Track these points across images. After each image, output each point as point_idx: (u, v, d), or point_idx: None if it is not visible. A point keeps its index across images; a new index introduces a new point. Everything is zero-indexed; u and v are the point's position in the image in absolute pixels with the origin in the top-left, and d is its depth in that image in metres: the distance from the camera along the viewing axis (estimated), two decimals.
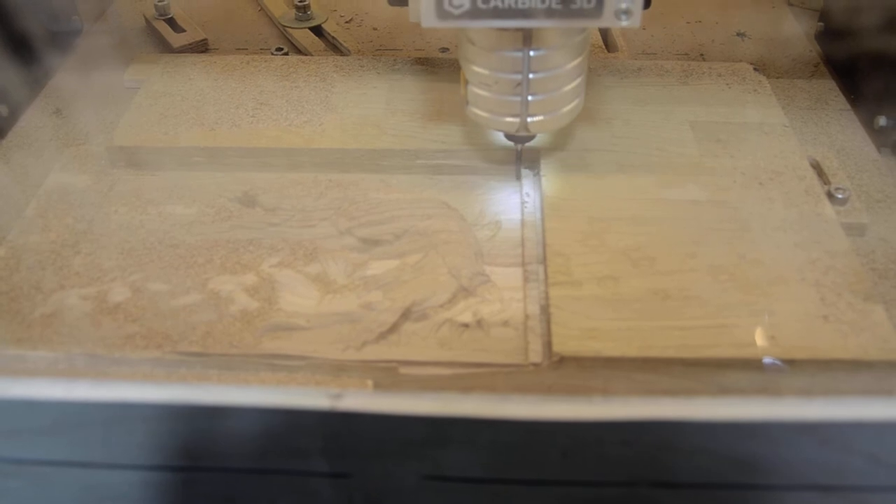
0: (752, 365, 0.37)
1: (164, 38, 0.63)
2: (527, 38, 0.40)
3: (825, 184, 0.47)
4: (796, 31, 0.65)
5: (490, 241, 0.44)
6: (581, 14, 0.37)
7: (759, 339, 0.38)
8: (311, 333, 0.39)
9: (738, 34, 0.65)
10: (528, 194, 0.47)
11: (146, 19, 0.65)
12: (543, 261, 0.42)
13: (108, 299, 0.41)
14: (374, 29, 0.65)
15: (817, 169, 0.48)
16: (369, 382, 0.37)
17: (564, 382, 0.37)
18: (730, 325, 0.38)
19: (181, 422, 0.33)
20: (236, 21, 0.67)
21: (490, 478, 0.34)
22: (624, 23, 0.37)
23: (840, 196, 0.46)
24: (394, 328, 0.39)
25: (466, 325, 0.39)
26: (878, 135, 0.52)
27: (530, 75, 0.41)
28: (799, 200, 0.45)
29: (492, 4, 0.37)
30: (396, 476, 0.34)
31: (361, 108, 0.52)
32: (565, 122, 0.45)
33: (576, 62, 0.42)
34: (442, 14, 0.37)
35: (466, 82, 0.44)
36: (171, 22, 0.64)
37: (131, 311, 0.40)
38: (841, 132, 0.53)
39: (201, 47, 0.63)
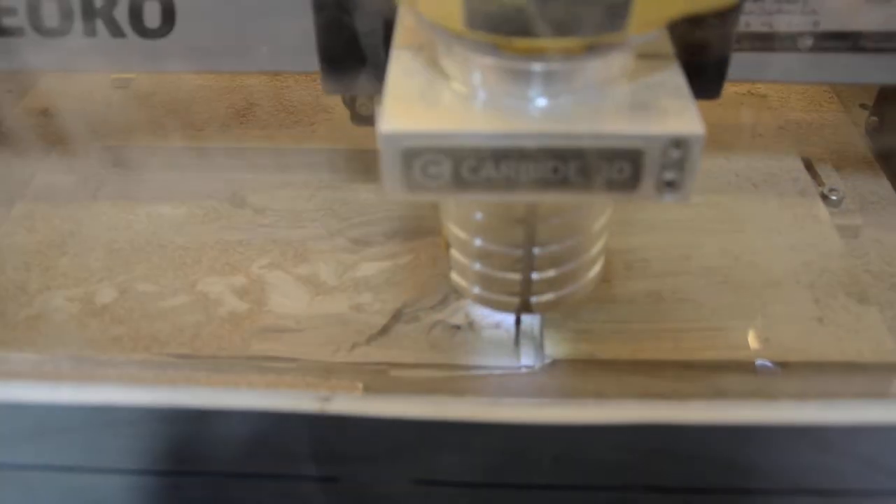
0: (746, 367, 0.36)
1: None
2: (531, 208, 0.30)
3: (819, 185, 0.47)
4: None
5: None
6: (607, 187, 0.25)
7: (754, 341, 0.37)
8: (300, 335, 0.39)
9: None
10: None
11: None
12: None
13: (94, 301, 0.40)
14: None
15: (811, 170, 0.48)
16: (359, 385, 0.37)
17: (557, 385, 0.37)
18: (724, 328, 0.38)
19: (168, 425, 0.33)
20: None
21: (481, 482, 0.34)
22: (667, 198, 0.25)
23: (834, 197, 0.45)
24: (385, 330, 0.39)
25: (458, 327, 0.39)
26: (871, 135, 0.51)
27: (535, 250, 0.31)
28: (793, 202, 0.44)
29: (483, 175, 0.25)
30: (386, 480, 0.34)
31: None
32: (583, 295, 0.34)
33: (599, 223, 0.32)
34: (412, 185, 0.25)
35: (447, 244, 0.33)
36: None
37: (118, 312, 0.40)
38: (835, 133, 0.53)
39: None
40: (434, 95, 0.26)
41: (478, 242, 0.32)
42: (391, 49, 0.27)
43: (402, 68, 0.27)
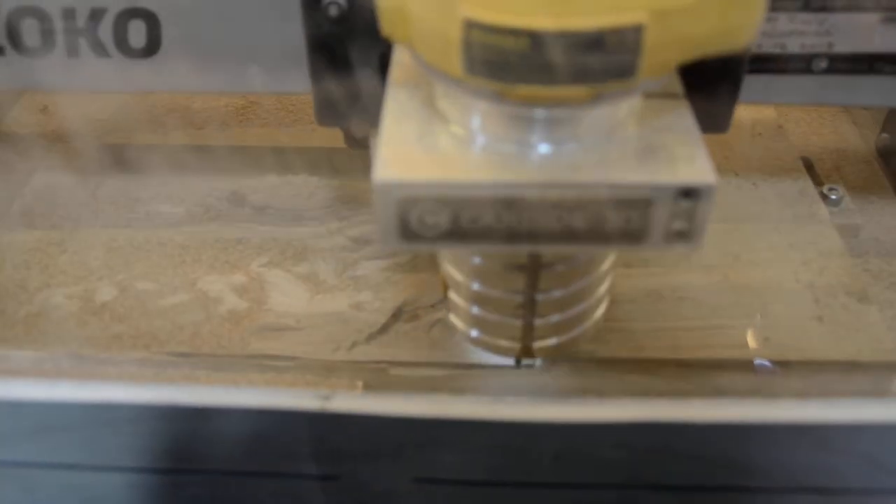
0: (746, 366, 0.37)
1: None
2: (534, 256, 0.29)
3: (818, 184, 0.47)
4: None
5: None
6: (615, 238, 0.24)
7: (753, 340, 0.37)
8: (300, 334, 0.39)
9: None
10: None
11: None
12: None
13: (94, 298, 0.40)
14: None
15: (811, 170, 0.48)
16: (359, 383, 0.37)
17: (557, 384, 0.37)
18: (724, 327, 0.38)
19: (168, 423, 0.33)
20: None
21: (482, 480, 0.34)
22: (678, 248, 0.24)
23: (834, 197, 0.45)
24: (384, 328, 0.39)
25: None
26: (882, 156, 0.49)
27: (538, 296, 0.30)
28: (793, 201, 0.45)
29: (482, 224, 0.23)
30: (387, 478, 0.34)
31: None
32: (587, 337, 0.33)
33: (605, 265, 0.31)
34: (408, 235, 0.24)
35: (445, 286, 0.32)
36: None
37: (118, 310, 0.40)
38: (834, 132, 0.53)
39: None
40: (431, 140, 0.24)
41: (477, 287, 0.30)
42: (387, 86, 0.26)
43: (397, 109, 0.25)
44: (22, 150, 0.51)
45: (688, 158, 0.23)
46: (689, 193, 0.23)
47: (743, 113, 0.51)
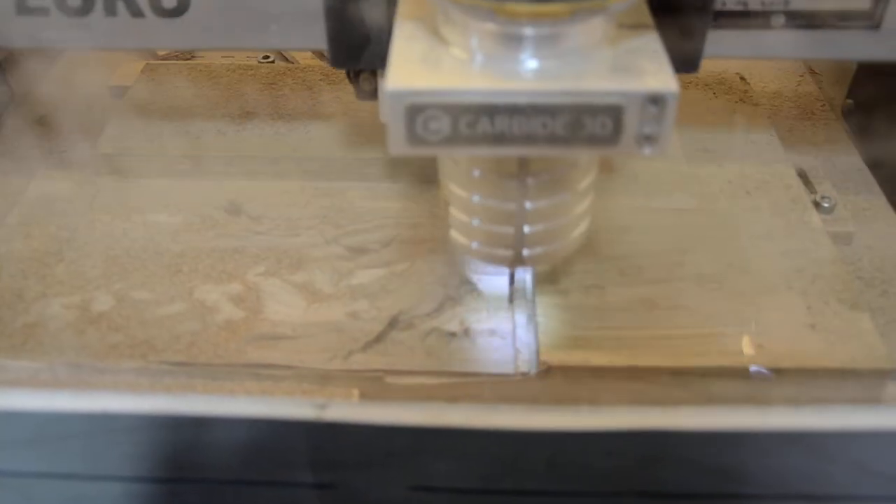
0: (739, 373, 0.37)
1: None
2: (523, 163, 0.32)
3: (811, 193, 0.47)
4: None
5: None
6: (591, 141, 0.28)
7: (747, 347, 0.38)
8: (296, 342, 0.39)
9: None
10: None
11: None
12: (530, 269, 0.42)
13: (91, 308, 0.40)
14: None
15: (803, 178, 0.48)
16: (355, 392, 0.37)
17: (552, 392, 0.37)
18: (717, 334, 0.38)
19: (165, 432, 0.33)
20: None
21: (477, 488, 0.34)
22: (646, 151, 0.28)
23: (826, 205, 0.46)
24: (380, 337, 0.39)
25: (453, 334, 0.39)
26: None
27: (527, 205, 0.33)
28: (786, 209, 0.45)
29: (479, 130, 0.27)
30: (382, 486, 0.34)
31: (349, 116, 0.51)
32: (571, 250, 0.37)
33: (584, 183, 0.35)
34: (414, 139, 0.28)
35: (447, 203, 0.36)
36: None
37: (115, 320, 0.40)
38: (827, 141, 0.53)
39: (187, 55, 0.63)
40: (435, 59, 0.28)
41: (475, 198, 0.34)
42: (395, 20, 0.30)
43: (405, 36, 0.29)
44: (19, 159, 0.51)
45: (655, 72, 0.27)
46: (655, 100, 0.26)
47: (738, 121, 0.51)
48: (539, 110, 0.27)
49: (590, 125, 0.27)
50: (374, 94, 0.39)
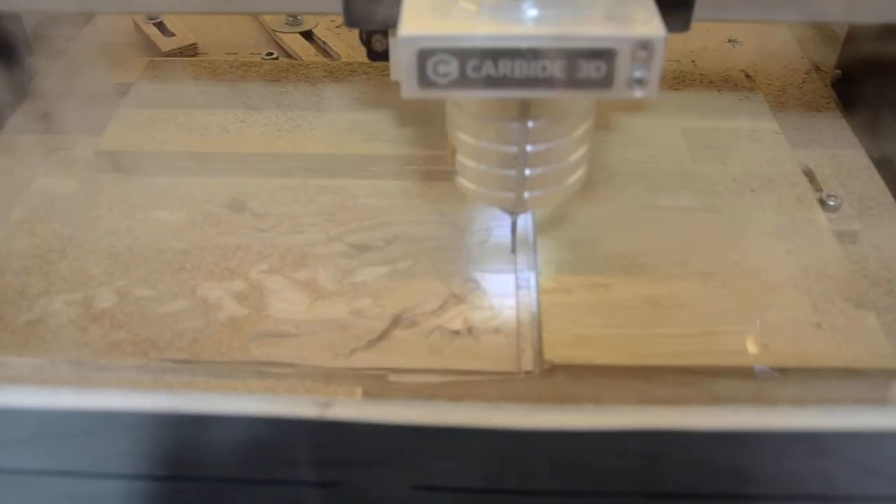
0: (744, 373, 0.37)
1: (153, 42, 0.63)
2: (524, 108, 0.35)
3: (817, 191, 0.47)
4: (787, 37, 0.65)
5: (481, 248, 0.44)
6: (587, 84, 0.31)
7: (752, 346, 0.37)
8: (299, 340, 0.39)
9: (729, 40, 0.64)
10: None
11: (135, 23, 0.65)
12: (535, 267, 0.42)
13: (94, 305, 0.40)
14: None
15: (809, 176, 0.48)
16: (359, 390, 0.37)
17: (555, 390, 0.37)
18: (722, 333, 0.38)
19: (167, 430, 0.33)
20: (226, 25, 0.67)
21: (480, 487, 0.34)
22: (637, 94, 0.31)
23: (832, 203, 0.45)
24: (384, 335, 0.39)
25: (457, 333, 0.39)
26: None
27: (528, 147, 0.36)
28: (791, 207, 0.45)
29: (484, 73, 0.30)
30: (385, 485, 0.34)
31: (352, 113, 0.51)
32: (569, 194, 0.39)
33: (581, 130, 0.37)
34: (425, 83, 0.31)
35: (454, 150, 0.38)
36: (161, 26, 0.64)
37: (118, 317, 0.40)
38: (833, 139, 0.53)
39: (190, 51, 0.62)
40: (444, 9, 0.30)
41: (481, 144, 0.36)
42: None
43: None
44: (22, 156, 0.51)
45: (645, 21, 0.30)
46: (645, 45, 0.29)
47: (744, 119, 0.51)
48: (539, 54, 0.30)
49: (585, 68, 0.30)
50: (385, 55, 0.40)
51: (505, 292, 0.41)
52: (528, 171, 0.37)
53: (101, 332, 0.39)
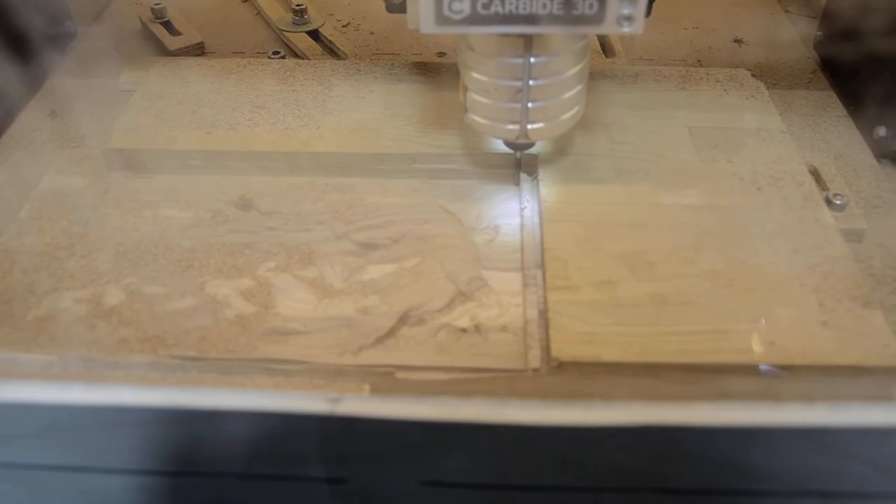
0: (751, 370, 0.37)
1: (160, 41, 0.63)
2: (527, 45, 0.40)
3: (823, 190, 0.47)
4: (793, 36, 0.65)
5: (488, 246, 0.44)
6: (582, 20, 0.37)
7: (758, 344, 0.37)
8: (307, 338, 0.39)
9: (735, 40, 0.65)
10: (526, 199, 0.46)
11: (142, 22, 0.65)
12: (542, 265, 0.42)
13: (102, 302, 0.40)
14: (372, 33, 0.65)
15: (815, 175, 0.48)
16: (366, 387, 0.37)
17: (563, 388, 0.37)
18: (729, 331, 0.38)
19: (176, 426, 0.33)
20: (233, 25, 0.67)
21: (488, 483, 0.34)
22: (626, 29, 0.37)
23: (838, 202, 0.45)
24: (391, 333, 0.39)
25: (464, 330, 0.39)
26: (877, 145, 0.52)
27: (530, 82, 0.41)
28: (797, 206, 0.45)
29: (492, 10, 0.36)
30: (394, 481, 0.34)
31: (359, 112, 0.51)
32: (566, 128, 0.44)
33: (576, 69, 0.42)
34: (441, 20, 0.37)
35: (465, 89, 0.43)
36: (168, 25, 0.64)
37: (126, 314, 0.40)
38: (839, 138, 0.53)
39: (197, 50, 0.63)
40: None
41: (488, 78, 0.41)
42: None
43: None
44: (31, 153, 0.52)
45: None
46: None
47: (750, 118, 0.51)
48: None
49: (580, 6, 0.36)
50: (402, 6, 0.41)
51: (512, 290, 0.41)
52: (530, 105, 0.42)
53: (110, 328, 0.39)
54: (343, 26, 0.66)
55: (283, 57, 0.61)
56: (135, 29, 0.66)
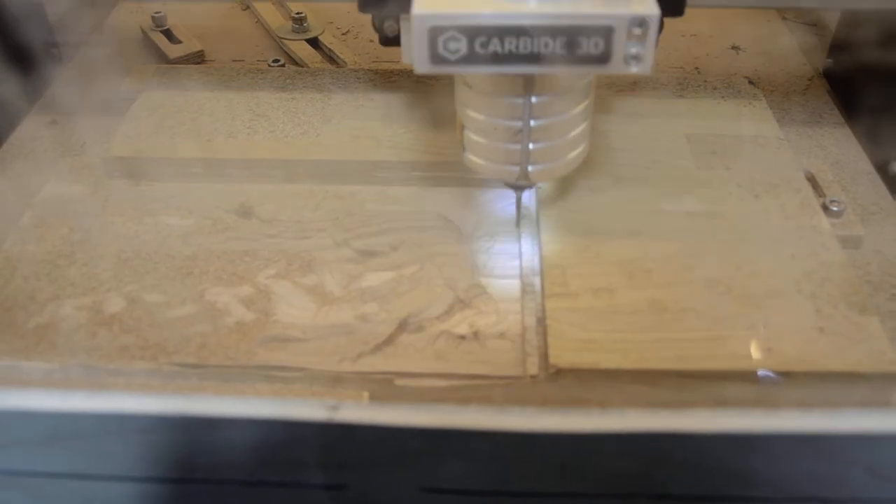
0: (748, 377, 0.37)
1: (160, 50, 0.63)
2: (528, 84, 0.37)
3: (820, 196, 0.47)
4: (791, 44, 0.65)
5: (486, 253, 0.44)
6: (587, 60, 0.33)
7: (756, 351, 0.38)
8: (307, 345, 0.39)
9: (733, 47, 0.65)
10: (525, 207, 0.46)
11: (143, 31, 0.65)
12: (540, 272, 0.42)
13: (103, 310, 0.41)
14: (371, 41, 0.65)
15: (812, 181, 0.48)
16: (365, 394, 0.37)
17: (561, 394, 0.37)
18: (726, 337, 0.38)
19: (177, 433, 0.33)
20: (233, 33, 0.67)
21: (487, 490, 0.34)
22: (634, 69, 0.33)
23: (835, 208, 0.46)
24: (390, 340, 0.39)
25: (463, 337, 0.39)
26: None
27: (532, 122, 0.38)
28: (795, 213, 0.45)
29: (491, 49, 0.33)
30: (393, 488, 0.34)
31: (358, 119, 0.52)
32: (569, 169, 0.41)
33: (580, 107, 0.39)
34: (436, 59, 0.33)
35: (462, 127, 0.40)
36: (168, 33, 0.64)
37: (127, 321, 0.40)
38: (836, 145, 0.54)
39: (197, 59, 0.63)
40: None
41: (487, 119, 0.39)
42: None
43: None
44: (32, 161, 0.52)
45: (640, 0, 0.32)
46: (640, 23, 0.32)
47: (747, 125, 0.52)
48: (541, 31, 0.32)
49: (585, 45, 0.33)
50: (396, 39, 0.41)
51: (510, 297, 0.41)
52: (531, 146, 0.39)
53: (110, 336, 0.39)
54: (342, 34, 0.66)
55: (283, 65, 0.62)
56: (135, 38, 0.66)
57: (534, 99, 0.37)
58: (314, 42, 0.64)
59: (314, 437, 0.32)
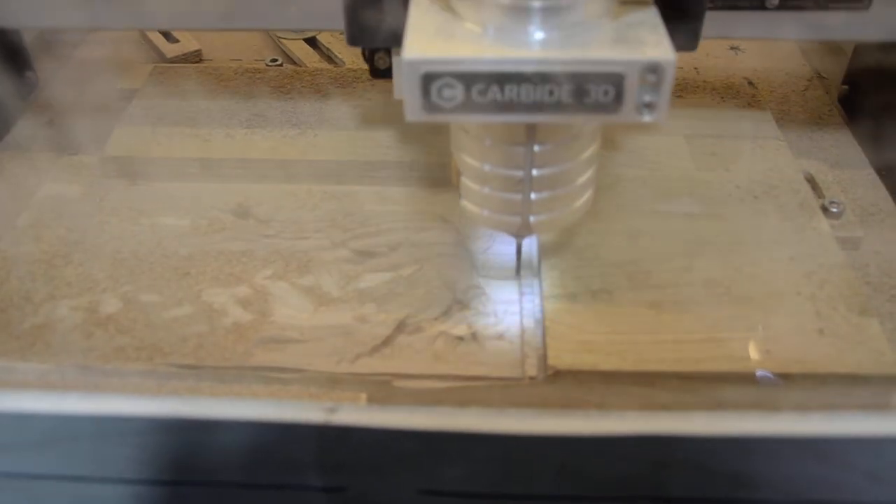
0: (747, 379, 0.37)
1: (157, 49, 0.63)
2: (530, 132, 0.34)
3: (820, 197, 0.47)
4: (790, 44, 0.65)
5: (485, 254, 0.44)
6: (596, 108, 0.29)
7: (755, 352, 0.37)
8: (304, 346, 0.39)
9: (732, 47, 0.65)
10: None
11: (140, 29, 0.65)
12: (538, 274, 0.42)
13: (99, 310, 0.40)
14: None
15: (812, 183, 0.48)
16: (363, 396, 0.37)
17: (560, 396, 0.37)
18: (725, 339, 0.38)
19: (173, 435, 0.33)
20: (230, 32, 0.67)
21: (486, 492, 0.34)
22: (647, 118, 0.29)
23: (835, 210, 0.46)
24: (388, 341, 0.39)
25: (461, 339, 0.39)
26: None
27: (534, 171, 0.35)
28: (794, 214, 0.45)
29: (489, 97, 0.29)
30: (391, 490, 0.34)
31: (356, 119, 0.51)
32: (574, 218, 0.38)
33: (586, 154, 0.36)
34: (430, 107, 0.29)
35: (458, 173, 0.38)
36: (165, 32, 0.64)
37: (123, 322, 0.40)
38: (835, 146, 0.53)
39: (195, 58, 0.63)
40: (449, 31, 0.30)
41: (486, 167, 0.35)
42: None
43: (420, 11, 0.31)
44: (28, 161, 0.51)
45: (654, 43, 0.29)
46: (654, 69, 0.28)
47: (746, 126, 0.51)
48: (545, 78, 0.29)
49: (593, 93, 0.29)
50: (388, 72, 0.40)
51: (509, 298, 0.41)
52: (533, 196, 0.36)
53: (106, 337, 0.39)
54: (340, 34, 0.66)
55: (281, 64, 0.61)
56: (132, 36, 0.66)
57: (536, 147, 0.34)
58: (312, 41, 0.64)
59: (312, 440, 0.32)
